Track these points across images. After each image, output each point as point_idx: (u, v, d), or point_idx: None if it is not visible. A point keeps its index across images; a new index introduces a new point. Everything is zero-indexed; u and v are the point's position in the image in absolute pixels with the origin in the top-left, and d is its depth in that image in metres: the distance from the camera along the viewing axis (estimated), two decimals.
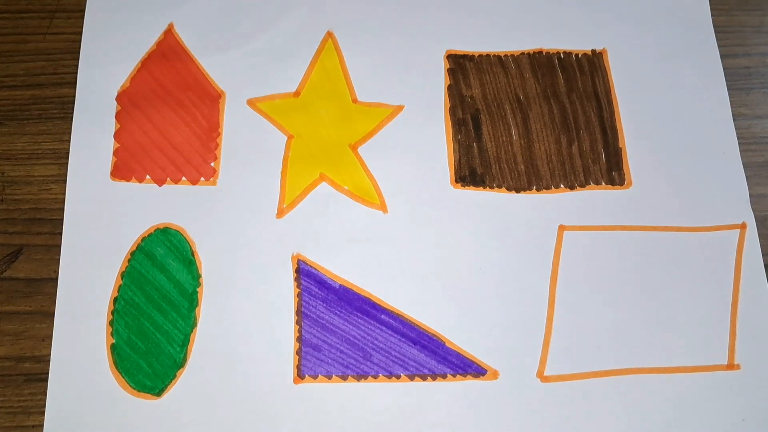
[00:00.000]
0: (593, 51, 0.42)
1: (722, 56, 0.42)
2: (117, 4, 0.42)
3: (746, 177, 0.40)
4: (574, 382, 0.36)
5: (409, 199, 0.39)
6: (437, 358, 0.36)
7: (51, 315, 0.36)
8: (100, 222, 0.38)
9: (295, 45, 0.41)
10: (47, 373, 0.35)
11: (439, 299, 0.37)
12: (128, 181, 0.38)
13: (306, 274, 0.37)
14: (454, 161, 0.39)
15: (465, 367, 0.36)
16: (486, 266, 0.37)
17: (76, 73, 0.40)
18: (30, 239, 0.37)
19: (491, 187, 0.39)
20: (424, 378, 0.36)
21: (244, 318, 0.36)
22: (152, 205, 0.38)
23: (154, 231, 0.37)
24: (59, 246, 0.37)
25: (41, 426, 0.34)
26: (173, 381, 0.35)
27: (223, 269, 0.37)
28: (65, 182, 0.38)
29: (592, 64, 0.42)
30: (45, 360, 0.35)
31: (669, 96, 0.41)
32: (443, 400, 0.35)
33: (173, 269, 0.37)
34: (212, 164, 0.39)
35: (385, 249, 0.38)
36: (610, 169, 0.40)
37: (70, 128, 0.39)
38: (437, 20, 0.42)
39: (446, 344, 0.36)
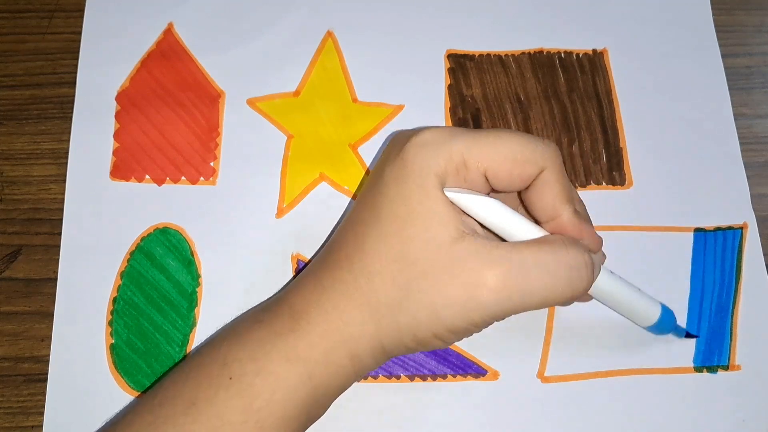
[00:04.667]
0: (594, 51, 0.42)
1: (723, 56, 0.42)
2: (116, 4, 0.42)
3: (747, 177, 0.40)
4: (574, 383, 0.36)
5: None
6: (437, 358, 0.36)
7: (50, 315, 0.36)
8: (100, 222, 0.37)
9: (295, 45, 0.41)
10: (46, 374, 0.35)
11: None
12: (128, 180, 0.38)
13: None
14: None
15: (465, 367, 0.36)
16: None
17: (76, 72, 0.40)
18: (29, 239, 0.37)
19: None
20: (424, 378, 0.36)
21: None
22: (151, 204, 0.38)
23: (154, 231, 0.37)
24: (58, 246, 0.37)
25: (40, 426, 0.34)
26: None
27: (222, 269, 0.37)
28: (64, 182, 0.38)
29: (593, 64, 0.42)
30: (44, 360, 0.35)
31: (670, 96, 0.41)
32: (443, 401, 0.35)
33: (172, 269, 0.37)
34: (212, 164, 0.39)
35: None
36: (611, 169, 0.40)
37: (70, 128, 0.39)
38: (437, 20, 0.42)
39: None
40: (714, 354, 0.36)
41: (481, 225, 0.30)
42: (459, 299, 0.27)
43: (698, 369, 0.36)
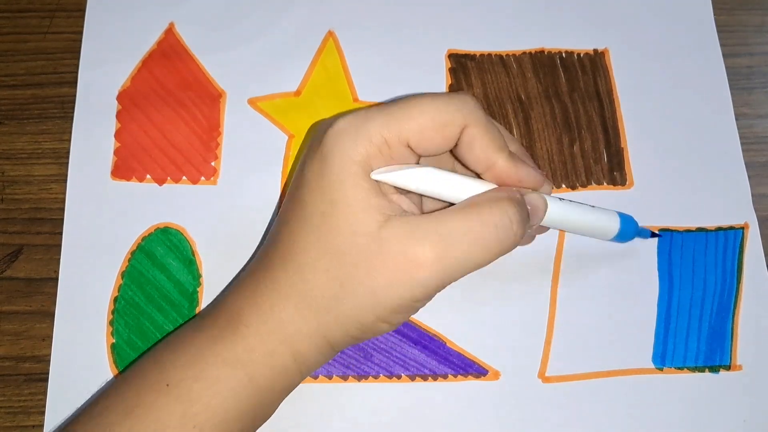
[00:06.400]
0: (595, 50, 0.42)
1: (724, 56, 0.42)
2: (117, 4, 0.42)
3: (748, 177, 0.40)
4: (575, 383, 0.36)
5: None
6: (438, 358, 0.36)
7: (51, 315, 0.36)
8: (101, 221, 0.37)
9: (295, 44, 0.41)
10: (47, 373, 0.35)
11: (439, 299, 0.36)
12: (129, 180, 0.38)
13: None
14: None
15: (466, 367, 0.36)
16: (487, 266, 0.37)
17: (77, 72, 0.40)
18: (30, 239, 0.37)
19: None
20: (425, 378, 0.36)
21: None
22: (152, 204, 0.38)
23: (155, 230, 0.37)
24: (59, 246, 0.37)
25: (41, 426, 0.34)
26: None
27: (223, 269, 0.37)
28: (65, 182, 0.38)
29: (594, 64, 0.42)
30: (45, 360, 0.35)
31: (671, 96, 0.41)
32: (444, 401, 0.35)
33: (173, 269, 0.37)
34: (213, 163, 0.39)
35: None
36: (612, 169, 0.40)
37: (71, 128, 0.39)
38: (438, 19, 0.42)
39: (447, 344, 0.36)
40: (715, 354, 0.36)
41: (423, 196, 0.29)
42: (396, 282, 0.27)
43: (699, 369, 0.36)
